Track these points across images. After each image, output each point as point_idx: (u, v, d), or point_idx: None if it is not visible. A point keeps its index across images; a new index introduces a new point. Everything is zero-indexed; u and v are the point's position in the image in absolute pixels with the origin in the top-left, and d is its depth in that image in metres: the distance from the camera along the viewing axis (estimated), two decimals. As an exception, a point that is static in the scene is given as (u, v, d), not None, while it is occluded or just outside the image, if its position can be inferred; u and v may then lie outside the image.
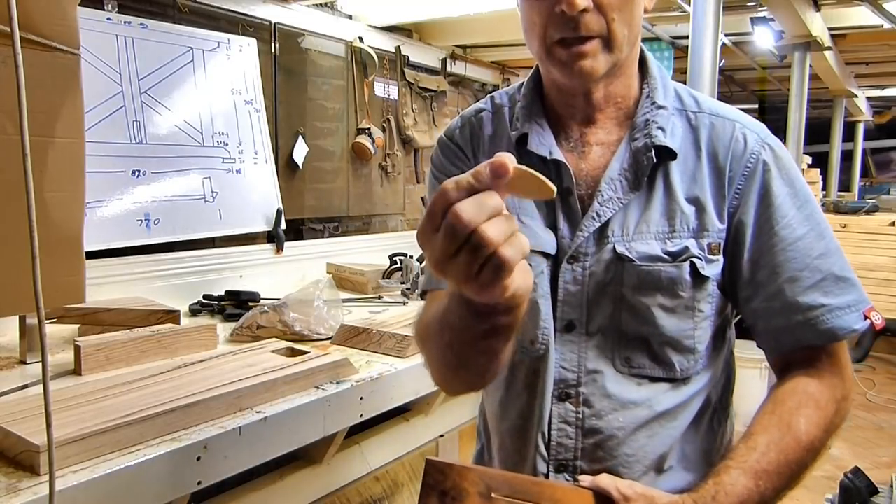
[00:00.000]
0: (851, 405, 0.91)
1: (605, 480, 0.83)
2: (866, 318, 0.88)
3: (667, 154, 0.91)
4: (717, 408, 1.00)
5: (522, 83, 1.03)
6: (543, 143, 0.95)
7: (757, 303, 0.92)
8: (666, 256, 0.90)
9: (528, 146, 0.96)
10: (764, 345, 0.94)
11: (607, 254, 0.91)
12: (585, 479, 0.84)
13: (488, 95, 1.08)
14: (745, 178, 0.91)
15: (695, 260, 0.90)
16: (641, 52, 0.98)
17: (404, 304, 2.37)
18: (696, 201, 0.91)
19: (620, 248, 0.91)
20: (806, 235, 0.89)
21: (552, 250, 0.94)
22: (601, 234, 0.92)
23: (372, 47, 3.09)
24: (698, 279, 0.90)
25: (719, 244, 0.91)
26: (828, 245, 0.90)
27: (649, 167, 0.90)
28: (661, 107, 0.93)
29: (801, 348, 0.91)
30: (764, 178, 0.90)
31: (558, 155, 0.93)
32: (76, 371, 1.47)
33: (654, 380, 0.93)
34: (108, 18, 2.13)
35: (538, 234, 0.94)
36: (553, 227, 0.94)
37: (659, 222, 0.91)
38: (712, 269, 0.91)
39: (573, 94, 0.95)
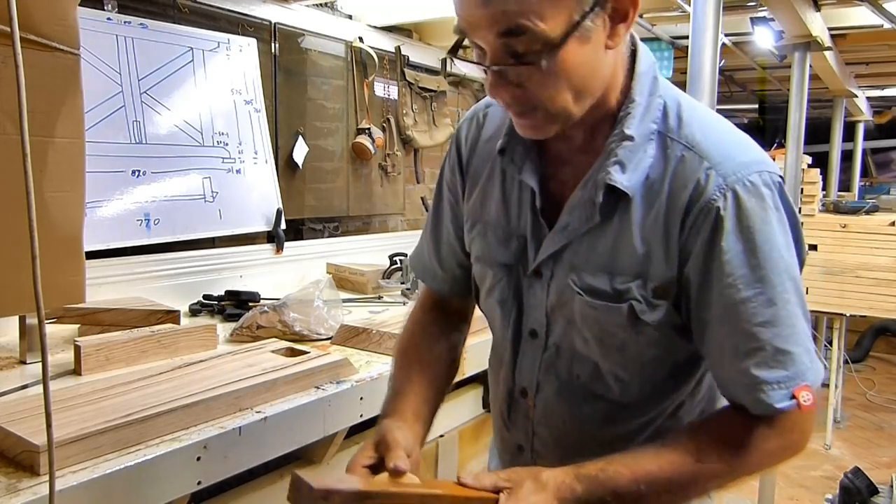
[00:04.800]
0: (791, 454, 0.86)
1: (487, 478, 0.81)
2: (794, 397, 0.81)
3: (622, 192, 0.84)
4: None
5: None
6: (516, 160, 0.94)
7: (703, 352, 0.89)
8: (611, 293, 0.87)
9: (503, 162, 0.96)
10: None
11: (561, 278, 0.91)
12: (467, 477, 0.82)
13: None
14: (694, 226, 0.83)
15: (634, 303, 0.86)
16: (635, 61, 0.88)
17: (404, 304, 2.37)
18: (648, 241, 0.85)
19: (571, 277, 0.90)
20: (751, 299, 0.80)
21: (510, 261, 0.96)
22: (557, 258, 0.91)
23: (372, 47, 3.09)
24: (637, 322, 0.87)
25: (667, 288, 0.85)
26: (777, 313, 0.81)
27: (601, 203, 0.85)
28: (627, 137, 0.84)
29: None
30: (713, 231, 0.81)
31: (527, 176, 0.92)
32: (76, 371, 1.47)
33: (600, 400, 0.95)
34: (108, 18, 2.13)
35: (494, 248, 0.98)
36: (525, 237, 0.95)
37: (609, 257, 0.87)
38: (653, 314, 0.86)
39: None
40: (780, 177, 0.86)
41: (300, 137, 2.80)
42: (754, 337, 0.81)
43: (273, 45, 2.69)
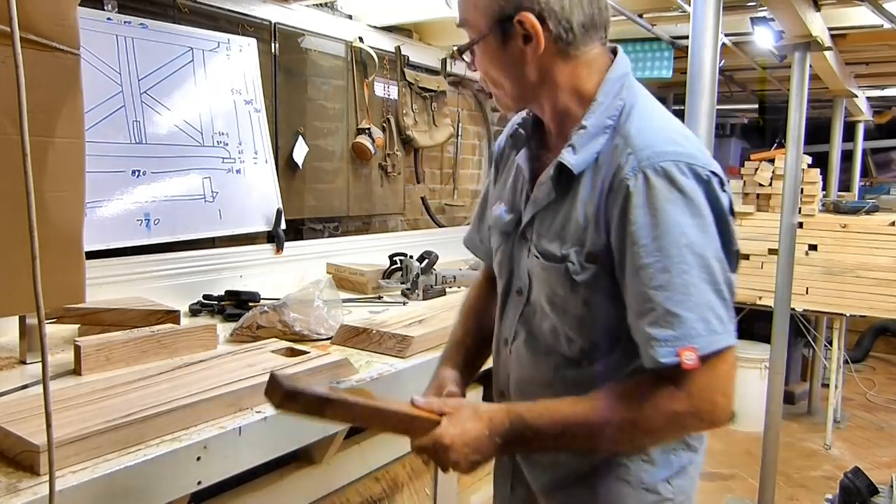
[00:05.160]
0: (701, 424, 0.98)
1: (435, 403, 0.98)
2: (679, 356, 0.91)
3: (570, 170, 1.01)
4: None
5: None
6: (518, 145, 1.16)
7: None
8: (559, 257, 1.03)
9: (509, 145, 1.19)
10: None
11: (533, 244, 1.09)
12: (419, 400, 0.98)
13: None
14: (613, 201, 0.97)
15: (569, 264, 1.02)
16: (612, 69, 1.04)
17: (404, 304, 2.37)
18: (587, 214, 1.01)
19: (535, 243, 1.08)
20: (650, 266, 0.93)
21: (509, 229, 1.15)
22: (532, 226, 1.10)
23: (372, 47, 3.09)
24: (572, 282, 1.02)
25: (597, 254, 1.00)
26: (671, 280, 0.92)
27: (554, 179, 1.03)
28: (582, 127, 1.02)
29: None
30: (624, 205, 0.96)
31: (521, 159, 1.14)
32: (76, 371, 1.47)
33: (555, 354, 1.08)
34: (108, 18, 2.13)
35: (500, 219, 1.17)
36: (520, 210, 1.13)
37: (561, 227, 1.04)
38: (583, 275, 1.01)
39: None
40: (712, 172, 0.97)
41: (300, 137, 2.80)
42: (649, 298, 0.93)
43: (273, 45, 2.69)
